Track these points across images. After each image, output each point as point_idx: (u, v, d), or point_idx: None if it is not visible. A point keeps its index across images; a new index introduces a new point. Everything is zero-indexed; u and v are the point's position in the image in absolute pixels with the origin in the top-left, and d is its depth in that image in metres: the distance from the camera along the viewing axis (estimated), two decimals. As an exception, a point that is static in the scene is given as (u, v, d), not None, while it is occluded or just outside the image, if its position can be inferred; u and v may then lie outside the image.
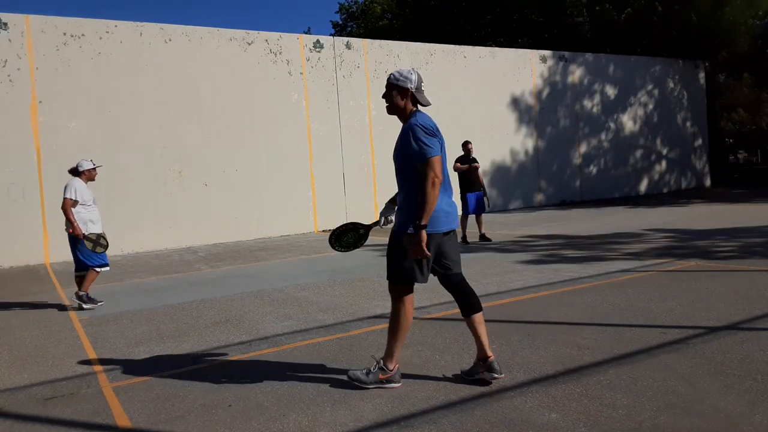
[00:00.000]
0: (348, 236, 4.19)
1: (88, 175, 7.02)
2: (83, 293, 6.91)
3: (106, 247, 6.86)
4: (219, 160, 13.85)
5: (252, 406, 3.63)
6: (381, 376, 3.76)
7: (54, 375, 4.49)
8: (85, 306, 6.86)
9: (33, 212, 11.90)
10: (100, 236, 6.85)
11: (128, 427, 3.44)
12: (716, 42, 24.54)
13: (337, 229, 4.20)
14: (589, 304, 5.67)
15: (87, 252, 6.82)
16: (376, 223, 4.09)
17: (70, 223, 6.73)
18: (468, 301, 3.77)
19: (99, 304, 6.99)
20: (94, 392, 4.05)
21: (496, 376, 3.69)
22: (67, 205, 6.73)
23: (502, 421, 3.19)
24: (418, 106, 3.80)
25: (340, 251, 4.22)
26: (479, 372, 3.75)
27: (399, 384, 3.79)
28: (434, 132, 3.63)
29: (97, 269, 6.92)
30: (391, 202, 4.00)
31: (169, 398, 3.84)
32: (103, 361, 4.76)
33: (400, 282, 3.73)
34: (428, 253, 3.55)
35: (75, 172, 7.02)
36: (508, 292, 6.49)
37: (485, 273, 7.69)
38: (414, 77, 3.74)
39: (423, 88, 3.81)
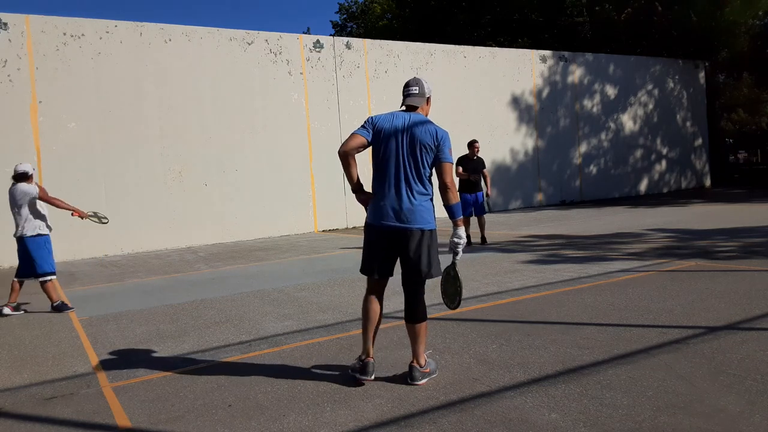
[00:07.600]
0: (449, 287, 4.04)
1: (31, 180, 6.81)
2: (56, 303, 6.90)
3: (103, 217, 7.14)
4: (219, 160, 13.84)
5: (252, 406, 3.63)
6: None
7: (54, 375, 4.48)
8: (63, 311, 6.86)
9: (33, 212, 11.87)
10: (96, 212, 7.15)
11: (128, 427, 3.44)
12: (716, 42, 24.55)
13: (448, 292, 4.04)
14: (589, 304, 5.67)
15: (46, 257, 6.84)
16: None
17: (69, 209, 6.82)
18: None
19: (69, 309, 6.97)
20: (94, 392, 4.05)
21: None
22: (52, 199, 6.76)
23: (502, 421, 3.19)
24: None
25: (453, 307, 4.05)
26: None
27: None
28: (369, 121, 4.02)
29: (48, 277, 6.86)
30: None
31: (169, 398, 3.84)
32: (103, 361, 4.76)
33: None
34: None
35: (24, 177, 6.71)
36: (508, 292, 6.48)
37: (485, 273, 7.69)
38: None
39: (407, 93, 4.02)
